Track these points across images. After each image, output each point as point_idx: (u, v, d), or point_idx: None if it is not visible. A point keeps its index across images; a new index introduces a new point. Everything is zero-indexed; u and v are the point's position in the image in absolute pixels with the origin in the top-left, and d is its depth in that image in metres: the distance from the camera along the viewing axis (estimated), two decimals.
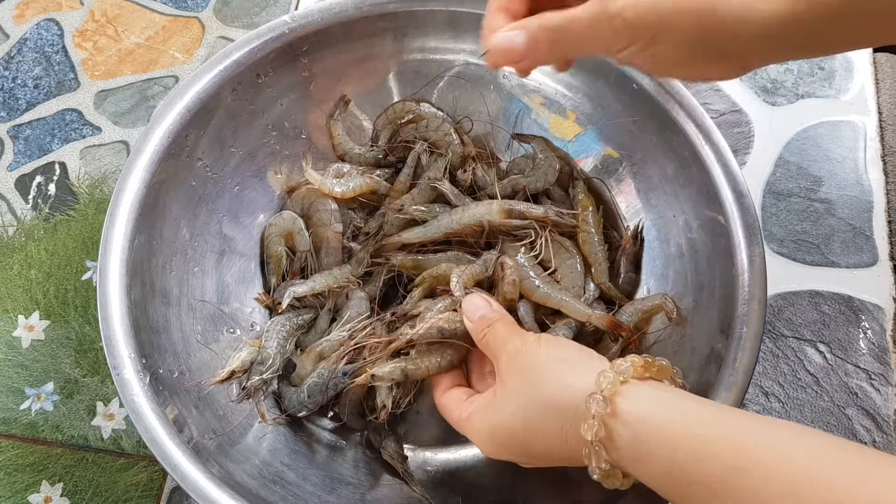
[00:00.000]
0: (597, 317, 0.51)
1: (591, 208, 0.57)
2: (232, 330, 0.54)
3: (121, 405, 0.58)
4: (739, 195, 0.48)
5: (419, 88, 0.61)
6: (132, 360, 0.44)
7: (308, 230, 0.58)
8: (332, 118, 0.60)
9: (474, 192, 0.59)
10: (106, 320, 0.44)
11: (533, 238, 0.55)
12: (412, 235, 0.56)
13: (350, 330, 0.53)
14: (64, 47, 0.75)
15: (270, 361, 0.52)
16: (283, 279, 0.57)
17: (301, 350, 0.55)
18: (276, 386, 0.54)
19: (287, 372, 0.52)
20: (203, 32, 0.75)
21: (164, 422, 0.43)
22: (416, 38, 0.58)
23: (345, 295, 0.56)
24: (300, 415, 0.52)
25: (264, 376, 0.51)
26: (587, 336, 0.53)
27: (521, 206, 0.55)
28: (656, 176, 0.54)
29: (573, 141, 0.59)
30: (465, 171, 0.59)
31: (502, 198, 0.57)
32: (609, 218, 0.58)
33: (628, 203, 0.58)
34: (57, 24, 0.76)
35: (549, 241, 0.55)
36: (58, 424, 0.57)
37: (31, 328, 0.61)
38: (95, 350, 0.60)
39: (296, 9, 0.76)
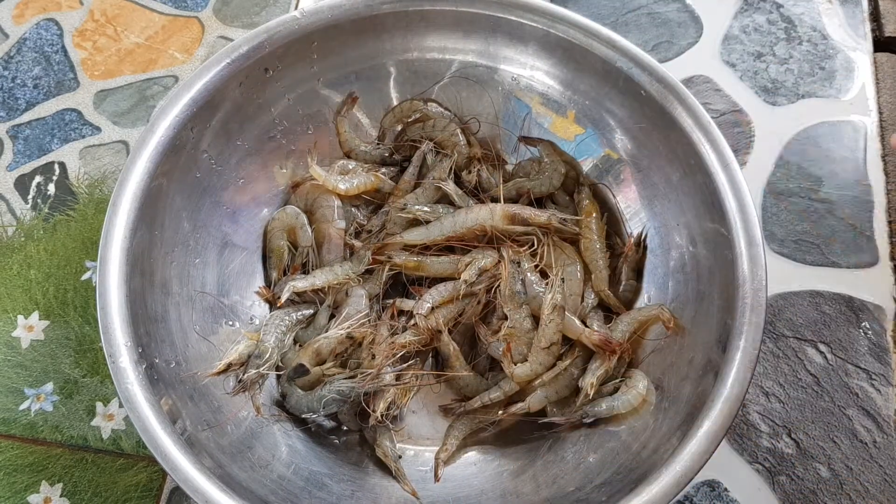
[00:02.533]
0: (587, 335, 0.51)
1: (594, 215, 0.57)
2: (231, 322, 0.54)
3: (120, 405, 0.58)
4: (743, 206, 0.48)
5: (426, 88, 0.61)
6: (128, 348, 0.44)
7: (311, 226, 0.58)
8: (339, 115, 0.60)
9: (479, 193, 0.59)
10: (104, 309, 0.44)
11: (535, 244, 0.55)
12: (414, 236, 0.56)
13: (349, 328, 0.53)
14: (63, 47, 0.75)
15: (268, 355, 0.52)
16: (285, 273, 0.57)
17: (299, 345, 0.55)
18: (280, 385, 0.54)
19: (297, 375, 0.52)
20: (203, 32, 0.75)
21: (158, 411, 0.43)
22: (426, 37, 0.58)
23: (345, 292, 0.56)
24: (303, 416, 0.52)
25: (261, 370, 0.51)
26: (583, 348, 0.53)
27: (524, 211, 0.55)
28: (661, 184, 0.54)
29: (573, 141, 0.59)
30: (469, 172, 0.59)
31: (506, 201, 0.57)
32: (612, 224, 0.58)
33: (627, 203, 0.58)
34: (56, 23, 0.76)
35: (551, 247, 0.55)
36: (57, 425, 0.57)
37: (30, 328, 0.61)
38: (95, 350, 0.60)
39: (296, 8, 0.76)
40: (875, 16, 0.73)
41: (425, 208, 0.57)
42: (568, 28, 0.54)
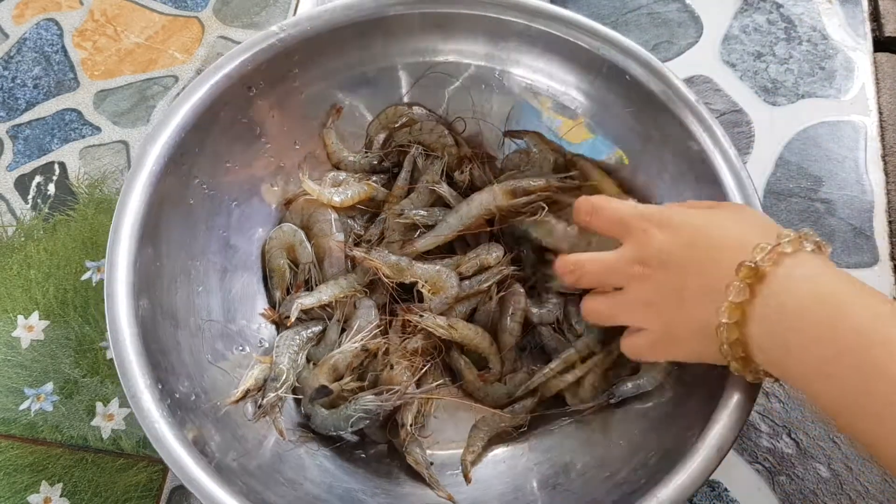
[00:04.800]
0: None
1: (598, 171, 0.57)
2: (241, 347, 0.54)
3: (120, 405, 0.58)
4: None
5: (407, 91, 0.60)
6: (149, 387, 0.43)
7: (309, 241, 0.57)
8: (325, 127, 0.60)
9: (472, 192, 0.59)
10: (118, 347, 0.44)
11: (544, 210, 0.54)
12: (428, 242, 0.55)
13: (362, 340, 0.52)
14: (63, 47, 0.75)
15: (284, 377, 0.51)
16: (288, 292, 0.57)
17: (313, 363, 0.54)
18: (303, 407, 0.53)
19: (320, 396, 0.51)
20: (203, 32, 0.75)
21: (188, 445, 0.42)
22: (408, 41, 0.58)
23: (352, 304, 0.55)
24: (330, 434, 0.52)
25: (279, 392, 0.50)
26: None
27: (521, 183, 0.55)
28: (671, 195, 0.54)
29: (580, 144, 0.59)
30: (461, 171, 0.59)
31: None
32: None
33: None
34: (56, 23, 0.76)
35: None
36: (57, 425, 0.57)
37: (30, 328, 0.61)
38: (95, 350, 0.60)
39: (295, 8, 0.76)
40: (875, 16, 0.73)
41: (422, 212, 0.57)
42: (579, 33, 0.54)
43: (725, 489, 0.54)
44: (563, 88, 0.58)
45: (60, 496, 0.55)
